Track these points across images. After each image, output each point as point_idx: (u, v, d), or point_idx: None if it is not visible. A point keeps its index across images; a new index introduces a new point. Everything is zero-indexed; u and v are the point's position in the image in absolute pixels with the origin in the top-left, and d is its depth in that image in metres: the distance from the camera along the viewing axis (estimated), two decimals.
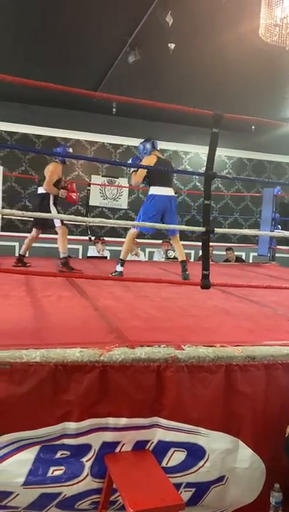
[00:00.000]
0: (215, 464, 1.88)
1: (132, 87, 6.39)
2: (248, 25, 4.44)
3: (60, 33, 5.19)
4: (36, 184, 5.21)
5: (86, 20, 4.84)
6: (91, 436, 1.76)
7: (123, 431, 1.80)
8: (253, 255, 8.98)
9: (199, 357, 1.88)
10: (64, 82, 2.74)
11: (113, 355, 1.80)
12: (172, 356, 1.85)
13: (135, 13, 4.61)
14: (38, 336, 2.05)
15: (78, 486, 1.75)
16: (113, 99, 4.69)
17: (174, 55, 5.16)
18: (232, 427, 1.92)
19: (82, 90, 2.86)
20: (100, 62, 5.99)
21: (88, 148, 8.55)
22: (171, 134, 8.74)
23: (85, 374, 1.75)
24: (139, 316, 2.63)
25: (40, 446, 1.73)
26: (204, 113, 2.45)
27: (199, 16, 4.58)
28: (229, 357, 1.92)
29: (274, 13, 3.41)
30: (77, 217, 3.88)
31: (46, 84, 2.53)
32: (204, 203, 2.41)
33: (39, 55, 5.80)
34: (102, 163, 8.82)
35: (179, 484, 1.85)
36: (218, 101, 6.65)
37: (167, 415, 1.84)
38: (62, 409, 1.73)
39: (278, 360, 1.97)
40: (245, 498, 2.00)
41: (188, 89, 6.60)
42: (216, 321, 2.66)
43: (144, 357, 1.83)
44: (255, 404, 1.94)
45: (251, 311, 3.02)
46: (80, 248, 8.29)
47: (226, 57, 5.47)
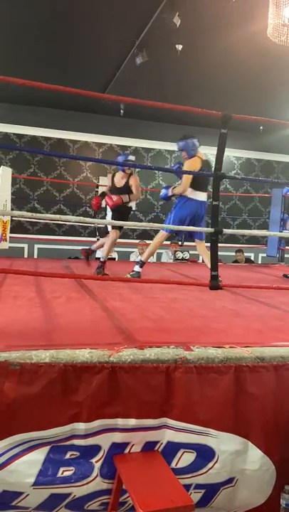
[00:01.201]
0: (224, 465, 1.87)
1: (139, 89, 6.41)
2: (256, 25, 4.44)
3: (68, 35, 5.22)
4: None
5: (94, 22, 4.86)
6: (100, 437, 1.76)
7: (132, 432, 1.79)
8: (262, 256, 8.94)
9: (208, 358, 1.88)
10: (72, 84, 2.77)
11: (122, 356, 1.80)
12: (181, 357, 1.85)
13: (143, 15, 4.63)
14: (47, 336, 2.06)
15: (88, 487, 1.76)
16: (121, 100, 4.72)
17: (181, 56, 5.18)
18: (241, 428, 1.91)
19: (90, 92, 2.88)
20: (107, 63, 6.02)
21: (96, 150, 8.58)
22: (179, 135, 8.73)
23: (95, 375, 1.75)
24: (148, 317, 2.63)
25: (49, 446, 1.73)
26: (213, 114, 2.45)
27: (207, 16, 4.59)
28: (238, 358, 1.91)
29: (282, 13, 3.40)
30: (86, 218, 3.88)
31: (54, 86, 2.55)
32: (213, 204, 2.42)
33: (47, 57, 5.85)
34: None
35: (189, 485, 1.85)
36: (226, 101, 6.65)
37: (176, 416, 1.83)
38: (72, 410, 1.73)
39: (288, 361, 1.96)
40: (255, 500, 1.99)
41: (196, 90, 6.61)
42: (224, 322, 2.65)
43: (153, 358, 1.83)
44: (265, 406, 1.92)
45: (260, 312, 3.01)
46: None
47: (233, 57, 5.47)
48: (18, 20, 4.89)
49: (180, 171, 4.26)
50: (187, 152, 4.20)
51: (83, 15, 4.72)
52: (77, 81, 6.15)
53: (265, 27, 3.71)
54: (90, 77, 6.44)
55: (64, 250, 7.82)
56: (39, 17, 4.80)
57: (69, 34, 5.18)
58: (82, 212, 8.41)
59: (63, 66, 6.07)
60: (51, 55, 5.77)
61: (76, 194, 8.54)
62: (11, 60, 5.82)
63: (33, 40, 5.38)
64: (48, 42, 5.42)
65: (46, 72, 6.10)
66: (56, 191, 8.41)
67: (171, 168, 4.81)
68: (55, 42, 5.41)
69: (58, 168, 8.39)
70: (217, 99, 6.64)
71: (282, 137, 8.71)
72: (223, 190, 8.95)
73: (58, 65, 6.04)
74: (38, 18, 4.81)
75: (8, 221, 5.60)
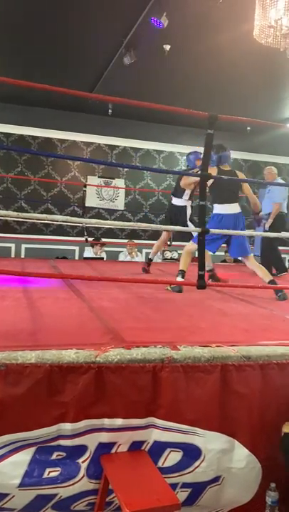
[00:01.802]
0: (211, 464, 1.89)
1: (127, 88, 6.40)
2: (244, 26, 4.46)
3: (55, 34, 5.19)
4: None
5: (81, 21, 4.84)
6: (87, 437, 1.76)
7: (119, 431, 1.80)
8: None
9: (195, 357, 1.89)
10: (60, 84, 2.75)
11: (109, 356, 1.80)
12: (168, 357, 1.85)
13: (130, 15, 4.62)
14: (33, 337, 2.05)
15: (74, 487, 1.75)
16: (108, 100, 4.71)
17: (169, 57, 5.18)
18: (228, 427, 1.92)
19: (77, 91, 2.86)
20: (95, 63, 6.00)
21: (84, 149, 8.55)
22: (168, 135, 8.76)
23: (81, 375, 1.75)
24: (136, 316, 2.64)
25: (36, 447, 1.72)
26: (199, 114, 2.46)
27: (194, 17, 4.60)
28: (224, 357, 1.92)
29: (268, 15, 3.43)
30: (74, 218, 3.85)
31: (42, 85, 2.53)
32: (200, 204, 2.42)
33: (35, 56, 5.80)
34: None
35: (175, 484, 1.85)
36: (214, 102, 6.68)
37: (163, 416, 1.84)
38: (58, 411, 1.72)
39: (273, 360, 1.98)
40: (241, 498, 2.00)
41: (184, 90, 6.62)
42: (212, 321, 2.66)
43: (139, 357, 1.83)
44: (251, 404, 1.94)
45: (247, 312, 3.03)
46: (76, 249, 8.30)
47: (221, 58, 5.49)
48: (4, 19, 4.85)
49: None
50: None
51: (71, 14, 4.69)
52: (65, 80, 6.12)
53: (252, 28, 3.73)
54: (77, 77, 6.41)
55: (52, 250, 7.77)
56: (27, 16, 4.76)
57: (57, 33, 5.15)
58: (70, 212, 8.36)
59: (51, 65, 6.03)
60: (39, 54, 5.72)
61: (64, 193, 8.49)
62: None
63: (21, 39, 5.33)
64: (35, 41, 5.38)
65: (34, 71, 6.06)
66: (44, 190, 8.36)
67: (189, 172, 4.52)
68: (43, 41, 5.37)
69: (46, 168, 8.34)
70: (204, 100, 6.66)
71: (270, 138, 8.77)
72: None
73: (46, 65, 6.00)
74: (26, 17, 4.78)
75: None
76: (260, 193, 6.94)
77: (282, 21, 3.42)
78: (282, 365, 1.98)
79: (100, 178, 8.64)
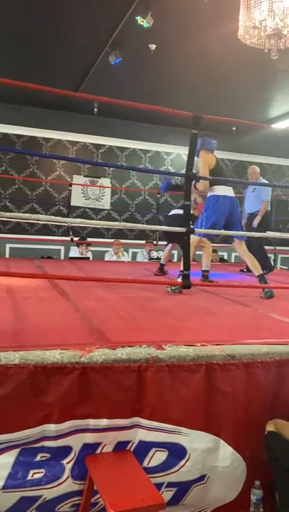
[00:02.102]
0: (196, 463, 1.89)
1: (113, 88, 6.39)
2: (229, 26, 4.48)
3: (40, 32, 5.15)
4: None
5: (67, 20, 4.82)
6: (71, 438, 1.75)
7: (104, 432, 1.79)
8: (235, 255, 9.06)
9: (180, 356, 1.89)
10: (45, 82, 2.73)
11: (94, 356, 1.79)
12: (153, 356, 1.85)
13: (116, 14, 4.61)
14: (17, 337, 2.03)
15: (59, 489, 1.74)
16: (93, 99, 4.69)
17: (154, 56, 5.18)
18: (213, 426, 1.93)
19: (62, 90, 2.85)
20: (81, 62, 5.97)
21: (70, 148, 8.50)
22: (154, 135, 8.77)
23: (65, 376, 1.73)
24: (121, 316, 2.63)
25: (19, 449, 1.71)
26: (183, 114, 2.47)
27: (180, 17, 4.61)
28: (209, 356, 1.93)
29: (253, 16, 3.45)
30: (58, 217, 3.82)
31: (27, 84, 2.51)
32: (184, 204, 2.43)
33: (20, 55, 5.75)
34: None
35: (161, 484, 1.85)
36: (200, 102, 6.71)
37: (148, 415, 1.83)
38: (42, 412, 1.71)
39: (258, 359, 1.99)
40: (226, 496, 2.01)
41: (170, 90, 6.63)
42: (197, 320, 2.67)
43: (124, 357, 1.82)
44: (235, 403, 1.95)
45: (232, 311, 3.05)
46: (62, 249, 8.25)
47: (207, 58, 5.51)
48: None
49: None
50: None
51: (56, 12, 4.66)
52: (51, 79, 6.08)
53: (237, 28, 3.75)
54: (63, 76, 6.36)
55: (37, 250, 7.72)
56: (11, 14, 4.71)
57: (41, 32, 5.10)
58: (55, 211, 8.31)
59: (36, 64, 5.98)
60: (24, 53, 5.68)
61: (49, 193, 8.44)
62: None
63: (5, 37, 5.28)
64: (20, 40, 5.33)
65: (19, 70, 6.00)
66: (29, 190, 8.29)
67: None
68: (28, 40, 5.32)
69: (31, 167, 8.27)
70: (190, 100, 6.67)
71: (255, 138, 8.85)
72: None
73: (31, 63, 5.95)
74: (10, 15, 4.73)
75: None
76: (245, 192, 6.98)
77: (267, 22, 3.45)
78: (267, 363, 2.00)
79: (85, 178, 8.61)
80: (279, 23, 3.42)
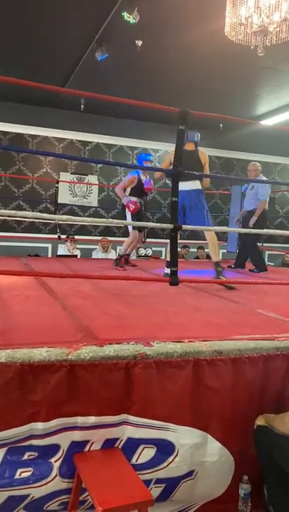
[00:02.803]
0: (184, 458, 1.90)
1: (99, 84, 6.35)
2: (216, 23, 4.49)
3: (27, 28, 5.09)
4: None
5: (53, 15, 4.77)
6: (59, 436, 1.74)
7: (92, 429, 1.78)
8: (222, 252, 9.10)
9: (167, 353, 1.89)
10: (31, 78, 2.69)
11: (81, 354, 1.78)
12: (141, 353, 1.85)
13: (102, 10, 4.57)
14: (3, 336, 2.00)
15: (47, 487, 1.73)
16: (79, 94, 4.65)
17: (141, 52, 5.16)
18: (200, 422, 1.93)
19: (48, 86, 2.82)
20: (67, 58, 5.93)
21: (56, 145, 8.44)
22: (141, 132, 8.75)
23: (53, 373, 1.72)
24: (109, 313, 2.62)
25: (6, 448, 1.69)
26: (171, 110, 2.46)
27: (166, 13, 4.59)
28: (196, 352, 1.93)
29: (239, 12, 3.45)
30: (44, 214, 3.80)
31: (12, 79, 2.47)
32: (172, 200, 2.43)
33: (6, 50, 5.68)
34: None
35: (149, 481, 1.85)
36: (187, 98, 6.71)
37: (136, 412, 1.83)
38: (29, 410, 1.70)
39: (245, 354, 2.00)
40: (214, 491, 2.02)
41: (157, 86, 6.61)
42: (185, 317, 2.67)
43: (112, 354, 1.82)
44: (223, 398, 1.96)
45: (220, 307, 3.06)
46: (49, 247, 8.20)
47: (194, 54, 5.51)
48: None
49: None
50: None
51: (42, 7, 4.61)
52: (36, 75, 6.00)
53: (224, 25, 3.75)
54: (49, 72, 6.30)
55: (24, 248, 7.65)
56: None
57: (27, 27, 5.05)
58: (42, 209, 8.26)
59: (22, 60, 5.91)
60: (9, 48, 5.61)
61: (36, 190, 8.37)
62: None
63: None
64: (6, 35, 5.26)
65: (4, 66, 5.93)
66: (15, 187, 8.21)
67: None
68: (14, 35, 5.26)
69: (17, 164, 8.20)
70: (177, 96, 6.67)
71: (242, 135, 8.88)
72: None
73: (17, 59, 5.89)
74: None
75: None
76: (232, 189, 7.01)
77: (253, 19, 3.45)
78: (254, 359, 2.01)
79: (72, 175, 8.55)
80: (265, 19, 3.43)
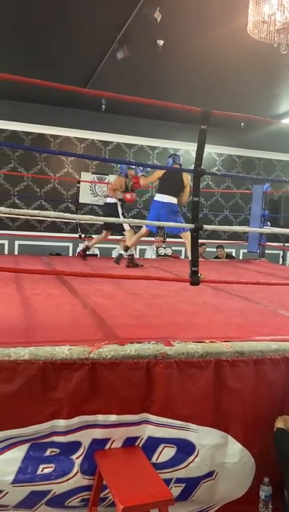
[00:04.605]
0: (205, 459, 1.89)
1: (121, 84, 6.38)
2: (238, 21, 4.44)
3: (49, 30, 5.15)
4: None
5: (74, 16, 4.81)
6: (81, 434, 1.76)
7: (113, 428, 1.80)
8: (243, 252, 9.02)
9: (188, 353, 1.89)
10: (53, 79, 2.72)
11: (102, 353, 1.80)
12: (162, 352, 1.86)
13: (123, 10, 4.59)
14: (27, 334, 2.04)
15: (68, 484, 1.75)
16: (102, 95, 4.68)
17: (163, 52, 5.15)
18: (221, 422, 1.93)
19: (70, 87, 2.83)
20: (89, 58, 5.96)
21: (78, 145, 8.51)
22: (161, 131, 8.74)
23: (74, 371, 1.74)
24: (129, 313, 2.63)
25: (29, 444, 1.72)
26: (193, 110, 2.45)
27: (188, 12, 4.57)
28: (218, 353, 1.92)
29: (262, 10, 3.42)
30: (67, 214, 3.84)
31: (35, 80, 2.50)
32: (193, 200, 2.42)
33: (28, 52, 5.76)
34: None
35: (169, 480, 1.86)
36: (207, 97, 6.67)
37: (157, 411, 1.84)
38: (52, 407, 1.72)
39: (267, 356, 1.99)
40: (234, 493, 2.01)
41: (177, 86, 6.60)
42: (205, 317, 2.67)
43: (133, 353, 1.83)
44: (244, 400, 1.95)
45: (241, 307, 3.04)
46: (70, 246, 8.27)
47: (215, 53, 5.47)
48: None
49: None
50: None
51: (64, 8, 4.66)
52: (58, 75, 6.07)
53: (246, 23, 3.72)
54: (71, 72, 6.36)
55: (45, 247, 7.75)
56: (18, 11, 4.72)
57: (50, 28, 5.10)
58: (63, 208, 8.33)
59: (44, 61, 5.98)
60: (32, 49, 5.68)
61: (57, 190, 8.46)
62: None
63: (13, 34, 5.29)
64: (28, 36, 5.33)
65: (26, 67, 6.00)
66: (37, 187, 8.31)
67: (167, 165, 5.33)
68: (36, 36, 5.32)
69: (39, 164, 8.29)
70: (198, 95, 6.64)
71: (263, 134, 8.77)
72: (205, 187, 8.98)
73: (39, 60, 5.95)
74: (18, 11, 4.73)
75: None
76: (254, 189, 6.95)
77: (276, 16, 3.41)
78: (276, 360, 1.99)
79: (93, 175, 8.60)
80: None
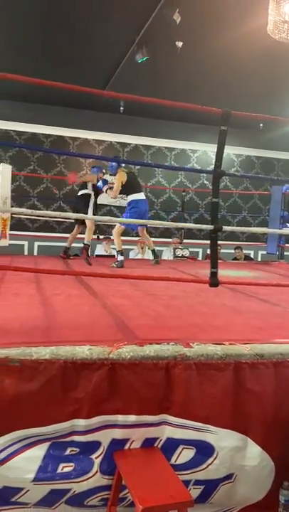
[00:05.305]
0: (224, 461, 1.88)
1: (139, 86, 6.40)
2: (257, 22, 4.42)
3: (67, 32, 5.21)
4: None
5: (93, 19, 4.85)
6: (100, 434, 1.77)
7: (132, 428, 1.80)
8: (262, 253, 8.95)
9: (208, 355, 1.88)
10: (72, 81, 2.75)
11: (122, 353, 1.80)
12: (181, 354, 1.86)
13: (143, 11, 4.61)
14: (47, 333, 2.06)
15: (88, 483, 1.77)
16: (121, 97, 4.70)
17: (181, 53, 5.15)
18: (240, 425, 1.91)
19: (89, 89, 2.86)
20: (107, 60, 6.01)
21: (96, 147, 8.57)
22: (179, 132, 8.74)
23: (94, 371, 1.76)
24: (148, 314, 2.64)
25: (49, 442, 1.74)
26: (213, 111, 2.45)
27: (207, 13, 4.57)
28: (237, 355, 1.91)
29: (282, 10, 3.39)
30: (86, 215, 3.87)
31: (54, 83, 2.54)
32: (212, 201, 2.41)
33: (47, 54, 5.83)
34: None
35: (188, 481, 1.86)
36: (226, 98, 6.64)
37: (176, 413, 1.84)
38: (72, 407, 1.74)
39: (287, 358, 1.97)
40: (254, 496, 2.00)
41: (196, 87, 6.59)
42: (224, 319, 2.65)
43: (152, 354, 1.83)
44: (264, 402, 1.93)
45: (260, 309, 3.01)
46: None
47: (234, 54, 5.45)
48: (16, 17, 4.88)
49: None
50: (111, 171, 5.45)
51: (83, 11, 4.70)
52: (77, 78, 6.11)
53: (265, 23, 3.70)
54: (89, 74, 6.42)
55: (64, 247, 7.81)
56: (38, 13, 4.78)
57: (69, 31, 5.16)
58: None
59: (63, 63, 6.05)
60: (51, 52, 5.75)
61: (76, 191, 8.52)
62: (10, 57, 5.81)
63: (32, 37, 5.36)
64: (47, 39, 5.40)
65: (46, 70, 6.08)
66: (56, 188, 8.40)
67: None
68: (55, 39, 5.39)
69: (58, 166, 8.38)
70: (217, 96, 6.62)
71: (283, 134, 8.69)
72: (223, 188, 8.93)
73: (58, 62, 6.02)
74: (37, 14, 4.80)
75: (9, 218, 5.60)
76: (273, 190, 6.88)
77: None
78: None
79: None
80: None
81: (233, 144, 8.45)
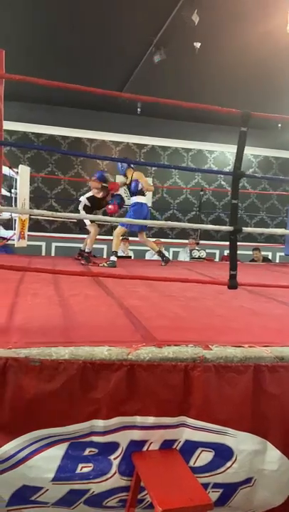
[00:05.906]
0: (243, 465, 1.87)
1: (157, 87, 6.40)
2: (275, 21, 4.39)
3: (85, 33, 5.24)
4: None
5: (111, 20, 4.87)
6: (119, 435, 1.77)
7: (151, 430, 1.80)
8: (280, 255, 8.86)
9: (227, 357, 1.87)
10: (89, 83, 2.77)
11: (140, 354, 1.80)
12: (200, 356, 1.84)
13: (161, 13, 4.61)
14: (66, 334, 2.07)
15: (106, 484, 1.77)
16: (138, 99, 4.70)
17: (199, 54, 5.14)
18: (260, 428, 1.89)
19: (107, 91, 2.87)
20: (125, 62, 6.03)
21: (113, 149, 8.60)
22: (196, 133, 8.72)
23: (113, 372, 1.76)
24: (166, 315, 2.63)
25: (68, 443, 1.75)
26: (232, 112, 2.43)
27: (225, 13, 4.56)
28: (257, 357, 1.89)
29: None
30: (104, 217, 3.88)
31: (72, 85, 2.55)
32: (232, 203, 2.40)
33: (64, 56, 5.88)
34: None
35: (207, 484, 1.84)
36: (246, 98, 6.59)
37: (195, 415, 1.83)
38: (91, 407, 1.74)
39: None
40: (273, 501, 1.97)
41: (215, 88, 6.57)
42: (243, 321, 2.63)
43: (171, 356, 1.83)
44: (284, 406, 1.91)
45: (279, 312, 2.98)
46: (104, 248, 8.36)
47: (252, 54, 5.42)
48: (34, 19, 4.93)
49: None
50: (121, 172, 5.48)
51: (100, 12, 4.73)
52: (95, 80, 6.16)
53: (284, 22, 3.66)
54: (107, 76, 6.45)
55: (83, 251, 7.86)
56: (56, 15, 4.83)
57: (87, 32, 5.20)
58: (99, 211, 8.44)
59: (81, 65, 6.10)
60: (69, 54, 5.80)
61: None
62: (29, 59, 5.87)
63: (51, 38, 5.41)
64: (65, 41, 5.45)
65: (63, 71, 6.14)
66: (73, 190, 8.46)
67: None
68: (73, 40, 5.43)
69: (76, 167, 8.45)
70: (235, 97, 6.59)
71: None
72: (241, 188, 8.81)
73: (76, 64, 6.07)
74: (56, 16, 4.84)
75: (27, 219, 5.66)
76: None
77: None
78: None
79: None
80: None
81: (251, 144, 8.37)
